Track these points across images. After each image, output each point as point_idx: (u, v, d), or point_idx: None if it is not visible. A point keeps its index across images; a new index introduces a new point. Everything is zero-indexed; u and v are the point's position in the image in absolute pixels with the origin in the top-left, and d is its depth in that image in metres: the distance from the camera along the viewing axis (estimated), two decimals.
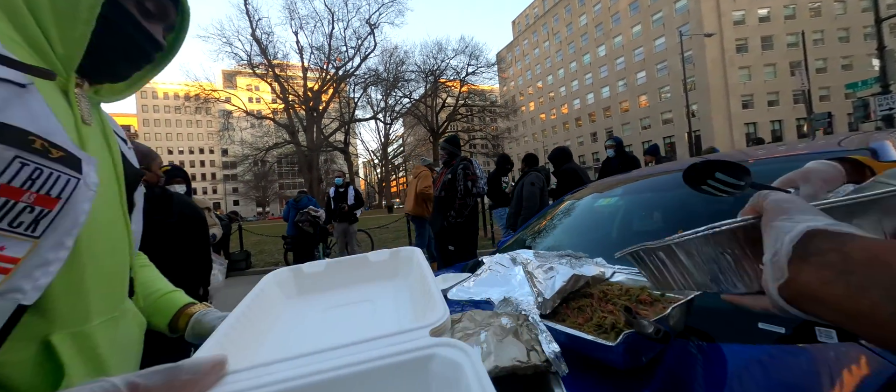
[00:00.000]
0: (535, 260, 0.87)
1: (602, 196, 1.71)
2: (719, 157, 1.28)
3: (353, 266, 0.54)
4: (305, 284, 0.52)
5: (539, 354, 0.50)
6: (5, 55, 0.35)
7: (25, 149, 0.33)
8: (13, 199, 0.33)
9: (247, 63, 26.17)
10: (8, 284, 0.33)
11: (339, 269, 0.53)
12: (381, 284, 0.52)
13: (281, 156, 30.79)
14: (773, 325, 0.66)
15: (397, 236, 9.38)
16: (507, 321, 0.56)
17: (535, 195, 3.43)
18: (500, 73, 43.68)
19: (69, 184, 0.37)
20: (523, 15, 60.87)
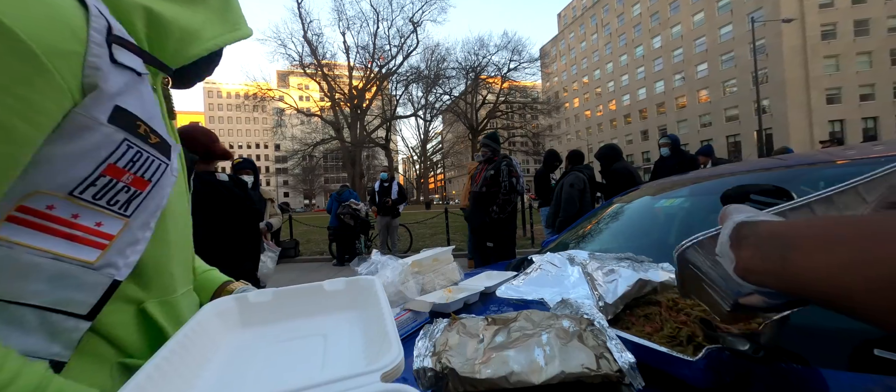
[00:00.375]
0: (593, 261, 0.82)
1: (661, 198, 1.58)
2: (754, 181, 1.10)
3: (306, 295, 0.49)
4: (251, 315, 0.46)
5: (610, 363, 0.46)
6: (131, 42, 0.38)
7: (132, 132, 0.37)
8: (116, 178, 0.35)
9: (299, 63, 27.88)
10: (105, 259, 0.36)
11: (290, 299, 0.48)
12: (335, 317, 0.47)
13: (327, 151, 32.50)
14: (892, 353, 0.55)
15: (435, 232, 9.50)
16: (568, 324, 0.53)
17: (574, 197, 3.25)
18: (543, 69, 42.19)
19: (160, 168, 0.40)
20: (570, 6, 58.27)
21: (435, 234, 9.21)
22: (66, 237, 0.34)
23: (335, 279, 0.50)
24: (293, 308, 0.48)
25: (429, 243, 7.73)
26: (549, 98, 45.96)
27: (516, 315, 0.57)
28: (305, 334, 0.44)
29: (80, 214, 0.34)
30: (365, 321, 0.45)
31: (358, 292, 0.50)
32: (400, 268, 1.17)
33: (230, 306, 0.46)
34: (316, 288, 0.49)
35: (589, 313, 0.54)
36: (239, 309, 0.46)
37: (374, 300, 0.46)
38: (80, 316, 0.35)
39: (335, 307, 0.49)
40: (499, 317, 0.58)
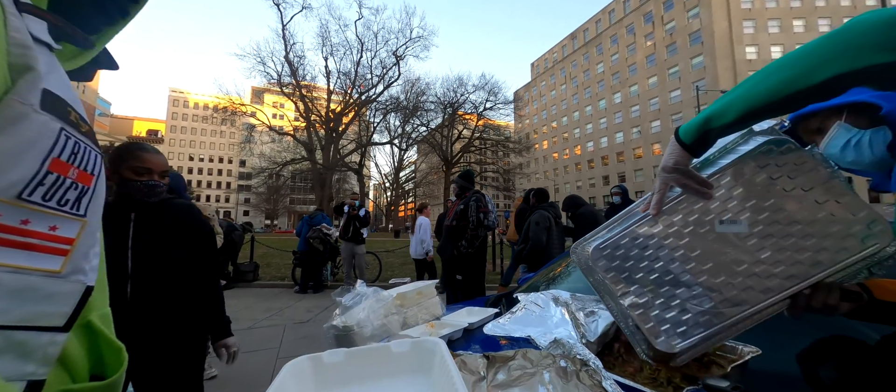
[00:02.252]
0: (575, 302, 0.88)
1: None
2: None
3: (375, 357, 0.50)
4: (325, 377, 0.47)
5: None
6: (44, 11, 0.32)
7: (66, 120, 0.32)
8: (62, 174, 0.31)
9: (277, 82, 27.52)
10: (71, 266, 0.32)
11: (360, 360, 0.50)
12: (404, 380, 0.48)
13: (296, 172, 31.50)
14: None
15: (404, 261, 9.31)
16: (565, 364, 0.55)
17: (540, 234, 3.38)
18: (516, 111, 44.81)
19: (97, 159, 0.35)
20: (542, 58, 63.18)
21: (404, 263, 9.03)
22: (21, 247, 0.30)
23: (401, 340, 0.51)
24: (363, 369, 0.49)
25: (398, 273, 7.55)
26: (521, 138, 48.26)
27: (514, 353, 0.61)
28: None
29: (31, 219, 0.30)
30: (433, 386, 0.46)
31: (424, 354, 0.50)
32: (384, 301, 1.17)
33: (305, 367, 0.47)
34: (383, 349, 0.51)
35: (582, 354, 0.59)
36: (313, 370, 0.47)
37: (440, 363, 0.46)
38: (56, 329, 0.32)
39: (403, 370, 0.49)
40: (497, 355, 0.61)
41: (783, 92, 0.45)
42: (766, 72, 0.47)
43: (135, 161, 1.17)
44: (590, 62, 52.58)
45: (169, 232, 1.24)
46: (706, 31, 37.16)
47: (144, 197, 1.18)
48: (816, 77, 0.42)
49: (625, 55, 47.29)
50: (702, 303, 0.53)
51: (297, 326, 3.93)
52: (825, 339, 0.82)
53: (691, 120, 0.56)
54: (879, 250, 0.46)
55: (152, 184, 1.18)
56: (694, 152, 0.56)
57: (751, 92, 0.48)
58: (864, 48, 0.40)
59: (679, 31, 40.37)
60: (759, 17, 36.61)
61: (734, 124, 0.51)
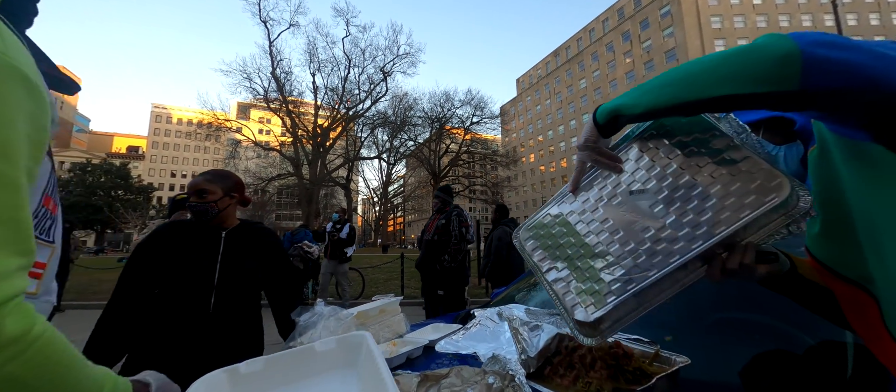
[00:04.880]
0: (526, 316, 0.89)
1: None
2: None
3: (298, 360, 0.47)
4: (243, 388, 0.43)
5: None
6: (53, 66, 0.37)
7: (50, 154, 0.33)
8: (47, 207, 0.33)
9: (263, 98, 27.39)
10: (43, 287, 0.34)
11: (283, 365, 0.47)
12: (330, 377, 0.46)
13: (282, 187, 31.07)
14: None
15: (389, 277, 9.18)
16: (493, 380, 0.56)
17: (503, 251, 3.52)
18: (502, 125, 45.62)
19: (56, 184, 0.37)
20: (528, 74, 64.95)
21: (389, 279, 8.90)
22: None
23: (326, 339, 0.49)
24: (286, 375, 0.46)
25: (382, 289, 7.43)
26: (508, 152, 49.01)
27: (448, 371, 0.61)
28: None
29: None
30: (361, 379, 0.45)
31: (350, 349, 0.49)
32: (344, 320, 1.16)
33: (220, 379, 0.43)
34: (307, 350, 0.48)
35: (513, 369, 0.60)
36: (230, 382, 0.44)
37: (367, 355, 0.45)
38: None
39: (329, 367, 0.48)
40: (432, 373, 0.61)
41: (682, 98, 0.49)
42: (674, 76, 0.51)
43: (189, 188, 1.31)
44: (573, 78, 54.30)
45: (251, 251, 1.35)
46: (680, 49, 39.00)
47: (207, 217, 1.29)
48: (710, 93, 0.46)
49: (606, 71, 49.05)
50: (614, 271, 0.54)
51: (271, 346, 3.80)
52: (763, 354, 0.84)
53: (607, 103, 0.59)
54: (781, 203, 0.46)
55: (189, 204, 1.29)
56: (604, 132, 0.60)
57: (657, 93, 0.52)
58: (748, 78, 0.43)
59: (655, 49, 42.24)
60: (729, 35, 38.70)
61: (640, 117, 0.56)
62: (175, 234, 1.28)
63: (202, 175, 1.34)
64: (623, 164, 0.63)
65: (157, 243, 1.25)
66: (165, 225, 1.32)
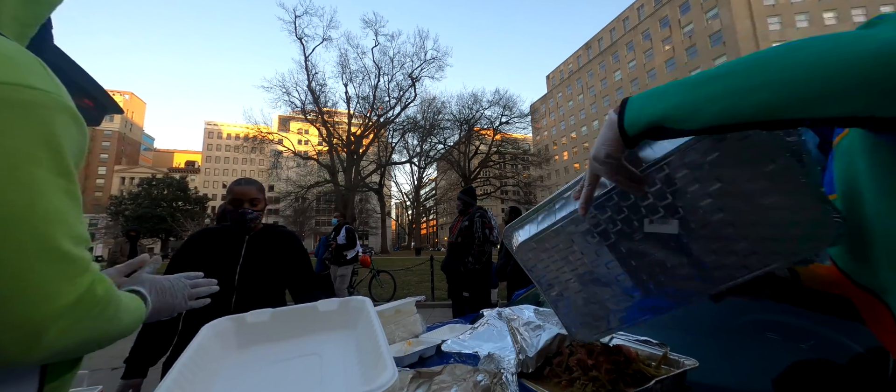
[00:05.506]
0: (533, 317, 0.88)
1: None
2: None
3: (301, 316, 0.50)
4: (248, 336, 0.47)
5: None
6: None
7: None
8: None
9: (300, 110, 29.01)
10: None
11: (286, 319, 0.49)
12: (329, 336, 0.49)
13: (320, 194, 32.63)
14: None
15: (421, 279, 9.30)
16: (482, 378, 0.56)
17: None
18: (533, 124, 44.60)
19: None
20: (558, 70, 63.15)
21: (421, 281, 9.02)
22: None
23: (329, 300, 0.52)
24: (288, 328, 0.49)
25: (414, 291, 7.55)
26: (540, 151, 47.89)
27: (441, 369, 0.62)
28: (302, 354, 0.45)
29: None
30: (358, 341, 0.47)
31: (350, 312, 0.52)
32: None
33: (228, 327, 0.47)
34: (310, 308, 0.51)
35: (505, 368, 0.60)
36: (236, 329, 0.47)
37: (366, 320, 0.47)
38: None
39: (329, 327, 0.50)
40: (426, 371, 0.63)
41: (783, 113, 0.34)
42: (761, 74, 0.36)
43: (230, 195, 1.40)
44: (607, 71, 51.97)
45: (272, 253, 1.44)
46: (727, 31, 35.96)
47: (238, 223, 1.38)
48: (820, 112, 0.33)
49: (642, 61, 46.43)
50: (620, 303, 0.52)
51: None
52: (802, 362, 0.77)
53: (640, 103, 0.44)
54: (813, 255, 0.41)
55: (242, 211, 1.38)
56: (632, 144, 0.45)
57: (736, 99, 0.37)
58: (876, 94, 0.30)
59: (698, 34, 39.29)
60: (785, 11, 35.06)
61: (700, 131, 0.40)
62: (205, 240, 1.40)
63: (250, 184, 1.45)
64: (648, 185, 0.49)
65: (190, 248, 1.38)
66: (199, 232, 1.45)
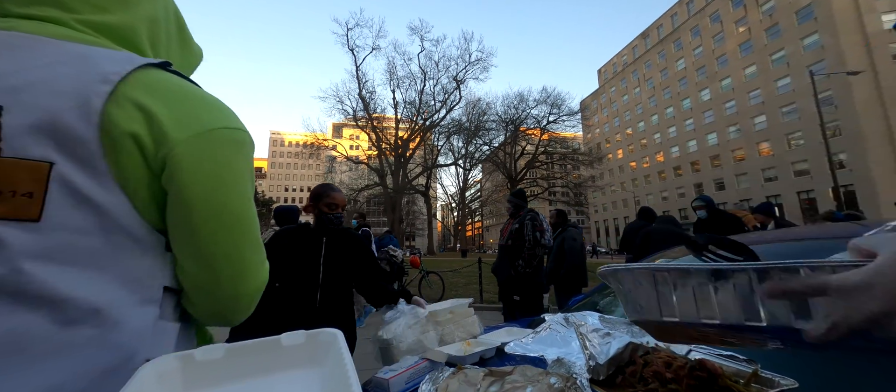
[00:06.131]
0: (599, 324, 0.86)
1: None
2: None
3: (260, 351, 0.44)
4: (196, 376, 0.40)
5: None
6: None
7: None
8: None
9: (352, 117, 30.78)
10: None
11: (243, 356, 0.43)
12: (292, 376, 0.43)
13: (370, 196, 34.24)
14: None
15: (469, 281, 9.34)
16: (555, 381, 0.57)
17: (577, 251, 3.49)
18: (583, 121, 42.19)
19: None
20: (610, 63, 59.43)
21: (469, 283, 9.05)
22: None
23: (295, 332, 0.45)
24: (245, 367, 0.42)
25: (461, 293, 7.61)
26: (591, 149, 45.41)
27: (512, 369, 0.64)
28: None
29: None
30: (325, 381, 0.41)
31: (318, 347, 0.44)
32: (419, 317, 1.27)
33: (172, 367, 0.39)
34: (273, 342, 0.44)
35: (577, 373, 0.60)
36: (183, 369, 0.40)
37: (336, 356, 0.41)
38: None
39: (293, 364, 0.44)
40: (497, 370, 0.66)
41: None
42: None
43: (328, 199, 1.58)
44: (667, 60, 47.68)
45: (346, 252, 1.62)
46: (820, 4, 30.98)
47: (335, 226, 1.58)
48: None
49: (711, 47, 41.83)
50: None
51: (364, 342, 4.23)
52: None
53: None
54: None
55: (339, 216, 1.58)
56: None
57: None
58: None
59: (782, 11, 34.36)
60: None
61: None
62: (288, 239, 1.57)
63: (339, 191, 1.63)
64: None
65: (276, 246, 1.55)
66: (282, 231, 1.63)
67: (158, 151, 0.42)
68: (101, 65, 0.41)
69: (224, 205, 0.45)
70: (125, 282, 0.42)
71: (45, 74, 0.39)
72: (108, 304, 0.40)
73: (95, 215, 0.39)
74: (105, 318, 0.40)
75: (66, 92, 0.38)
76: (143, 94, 0.42)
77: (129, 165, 0.41)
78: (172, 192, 0.44)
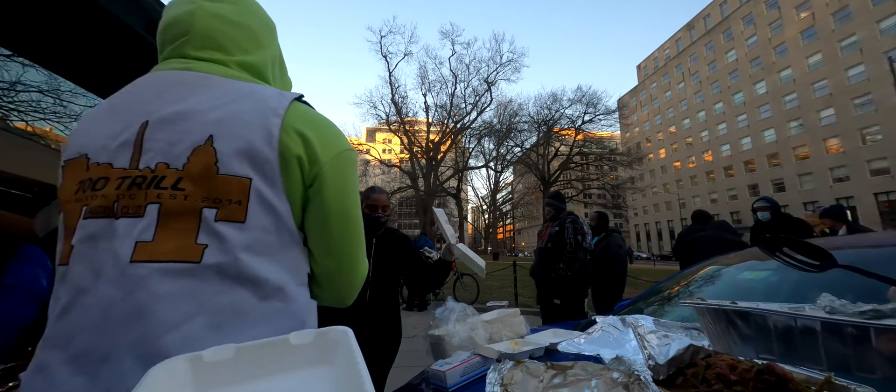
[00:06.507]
0: (655, 327, 0.87)
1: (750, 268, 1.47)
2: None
3: (270, 351, 0.44)
4: (206, 378, 0.40)
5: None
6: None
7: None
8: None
9: (385, 121, 31.63)
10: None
11: (253, 356, 0.43)
12: (302, 375, 0.43)
13: (402, 199, 34.92)
14: None
15: (502, 284, 9.27)
16: (618, 376, 0.60)
17: (622, 258, 3.40)
18: (621, 120, 40.12)
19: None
20: (651, 57, 56.31)
21: (502, 286, 8.99)
22: None
23: (303, 331, 0.45)
24: (255, 367, 0.42)
25: (496, 296, 7.57)
26: (630, 149, 43.12)
27: (573, 364, 0.68)
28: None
29: None
30: (337, 379, 0.41)
31: (329, 346, 0.44)
32: (471, 315, 1.33)
33: (181, 368, 0.40)
34: (282, 342, 0.44)
35: (639, 371, 0.62)
36: (192, 371, 0.40)
37: (346, 353, 0.41)
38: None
39: (303, 363, 0.43)
40: (558, 364, 0.69)
41: None
42: None
43: (369, 201, 1.68)
44: (716, 52, 44.33)
45: (393, 251, 1.72)
46: None
47: (376, 227, 1.68)
48: None
49: (767, 36, 38.34)
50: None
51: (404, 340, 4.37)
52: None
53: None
54: None
55: (377, 216, 1.68)
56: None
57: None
58: None
59: None
60: None
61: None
62: None
63: (382, 193, 1.73)
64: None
65: None
66: None
67: (312, 169, 0.54)
68: (268, 101, 0.53)
69: (348, 210, 0.58)
70: (289, 269, 0.53)
71: (234, 109, 0.50)
72: (285, 285, 0.52)
73: (274, 218, 0.51)
74: (285, 294, 0.51)
75: (252, 123, 0.50)
76: (301, 124, 0.54)
77: (293, 179, 0.52)
78: (316, 201, 0.55)
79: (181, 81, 0.53)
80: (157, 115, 0.49)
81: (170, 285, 0.44)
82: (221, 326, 0.46)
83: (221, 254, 0.46)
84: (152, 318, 0.43)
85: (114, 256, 0.45)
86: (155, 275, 0.44)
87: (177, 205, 0.46)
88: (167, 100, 0.51)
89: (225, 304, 0.46)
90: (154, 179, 0.47)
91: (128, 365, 0.42)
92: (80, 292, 0.45)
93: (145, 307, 0.43)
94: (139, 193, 0.47)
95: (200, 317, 0.45)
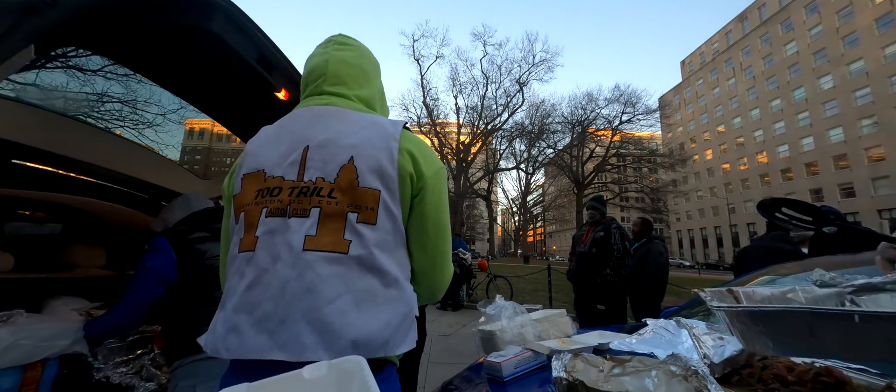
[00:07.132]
0: (706, 329, 0.90)
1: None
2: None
3: (284, 387, 0.43)
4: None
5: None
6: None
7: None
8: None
9: (417, 123, 32.18)
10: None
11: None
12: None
13: None
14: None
15: (535, 288, 9.17)
16: (676, 369, 0.65)
17: (663, 265, 3.31)
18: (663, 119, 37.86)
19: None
20: (697, 52, 52.79)
21: (535, 290, 8.89)
22: None
23: (317, 364, 0.45)
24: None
25: (529, 299, 7.52)
26: (672, 150, 40.62)
27: (631, 358, 0.74)
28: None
29: None
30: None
31: (343, 377, 0.43)
32: (520, 312, 1.41)
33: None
34: (295, 377, 0.43)
35: (696, 366, 0.68)
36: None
37: (361, 385, 0.40)
38: None
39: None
40: (616, 358, 0.76)
41: None
42: None
43: None
44: (772, 45, 40.71)
45: None
46: None
47: None
48: None
49: (834, 25, 34.65)
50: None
51: (441, 338, 4.50)
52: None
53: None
54: None
55: None
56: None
57: None
58: None
59: None
60: None
61: None
62: None
63: None
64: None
65: None
66: None
67: (418, 183, 0.66)
68: (386, 128, 0.67)
69: (441, 217, 0.70)
70: (400, 264, 0.64)
71: (365, 135, 0.65)
72: (399, 277, 0.63)
73: (393, 222, 0.63)
74: (400, 285, 0.62)
75: (379, 147, 0.64)
76: (410, 146, 0.67)
77: (405, 191, 0.65)
78: (419, 209, 0.67)
79: (324, 114, 0.69)
80: (315, 141, 0.64)
81: (328, 269, 0.57)
82: (360, 304, 0.57)
83: (361, 248, 0.59)
84: (318, 293, 0.56)
85: (288, 246, 0.58)
86: (320, 261, 0.57)
87: (332, 209, 0.60)
88: (318, 129, 0.66)
89: (363, 288, 0.58)
90: (315, 189, 0.61)
91: (301, 327, 0.54)
92: (263, 272, 0.58)
93: (313, 285, 0.56)
94: (305, 200, 0.61)
95: (347, 296, 0.57)
